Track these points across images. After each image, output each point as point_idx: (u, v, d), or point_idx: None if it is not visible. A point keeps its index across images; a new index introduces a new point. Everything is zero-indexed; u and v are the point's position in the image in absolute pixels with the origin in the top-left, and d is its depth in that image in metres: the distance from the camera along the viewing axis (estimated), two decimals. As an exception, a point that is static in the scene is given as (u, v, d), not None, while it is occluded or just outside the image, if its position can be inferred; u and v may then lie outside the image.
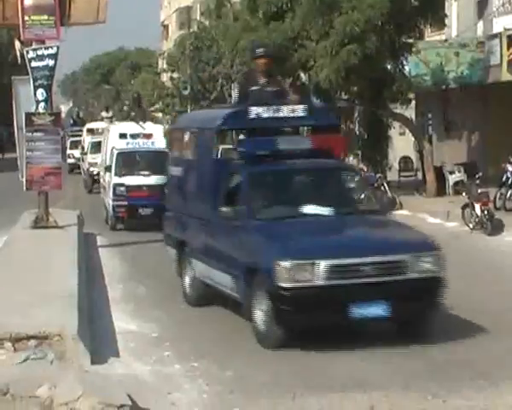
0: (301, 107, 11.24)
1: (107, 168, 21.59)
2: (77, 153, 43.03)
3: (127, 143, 21.98)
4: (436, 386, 8.00)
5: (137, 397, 7.13)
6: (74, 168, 42.53)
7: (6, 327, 8.54)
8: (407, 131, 29.68)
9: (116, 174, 20.69)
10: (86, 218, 19.37)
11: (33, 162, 16.50)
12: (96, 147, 31.49)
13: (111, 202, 20.45)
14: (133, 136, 22.27)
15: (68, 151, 45.12)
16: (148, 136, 22.31)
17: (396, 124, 29.89)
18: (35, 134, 16.45)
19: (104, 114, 37.23)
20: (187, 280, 11.94)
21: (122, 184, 20.46)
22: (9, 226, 17.75)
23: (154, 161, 20.89)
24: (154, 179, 20.29)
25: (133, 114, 23.38)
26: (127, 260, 15.91)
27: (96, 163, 29.62)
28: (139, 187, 20.48)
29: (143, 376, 8.48)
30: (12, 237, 16.13)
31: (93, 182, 31.15)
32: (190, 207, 11.84)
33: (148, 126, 23.50)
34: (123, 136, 22.42)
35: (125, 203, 20.23)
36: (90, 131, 38.07)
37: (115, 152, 21.14)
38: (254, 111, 10.91)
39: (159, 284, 13.41)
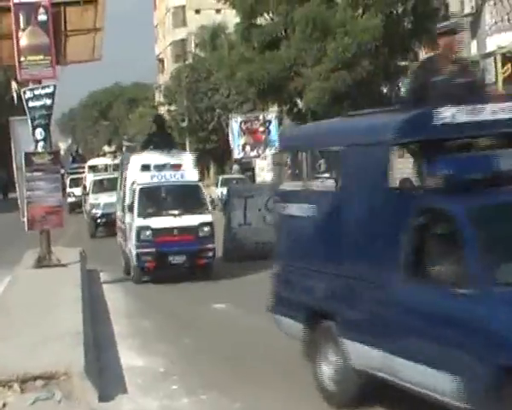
0: None
1: (129, 208, 17.69)
2: (77, 191, 40.95)
3: (152, 177, 17.91)
4: None
5: (147, 433, 7.10)
6: (75, 207, 40.29)
7: (13, 369, 8.51)
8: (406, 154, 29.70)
9: (140, 215, 17.18)
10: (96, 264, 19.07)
11: (34, 202, 16.51)
12: (99, 186, 30.05)
13: (134, 250, 16.97)
14: (158, 167, 18.12)
15: (68, 190, 42.54)
16: (177, 166, 18.23)
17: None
18: (35, 174, 16.48)
19: (106, 148, 35.76)
20: (328, 370, 8.39)
21: (147, 228, 17.01)
22: (13, 266, 17.75)
23: (186, 196, 17.86)
24: (186, 220, 17.19)
25: (155, 139, 19.80)
26: (131, 295, 15.90)
27: (99, 204, 28.14)
28: (169, 230, 17.09)
29: (152, 411, 8.44)
30: (15, 277, 16.11)
31: (96, 226, 28.58)
32: (340, 261, 8.10)
33: (175, 155, 19.37)
34: (146, 167, 18.18)
35: (153, 250, 16.91)
36: (93, 168, 35.41)
37: (137, 188, 17.52)
38: (446, 113, 7.30)
39: (164, 318, 13.40)
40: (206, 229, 17.14)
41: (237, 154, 48.92)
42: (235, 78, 27.57)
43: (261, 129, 46.91)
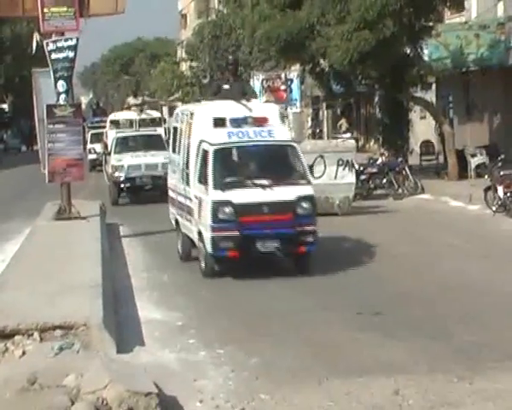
0: None
1: (199, 177, 13.32)
2: (99, 147, 37.18)
3: (229, 135, 13.36)
4: (462, 368, 7.99)
5: (163, 385, 7.17)
6: (96, 165, 37.12)
7: (32, 318, 8.61)
8: (428, 114, 29.54)
9: (216, 186, 12.76)
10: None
11: (55, 154, 16.57)
12: (123, 144, 25.52)
13: (208, 233, 12.67)
14: (237, 121, 13.61)
15: (89, 145, 38.97)
16: (262, 120, 13.74)
17: (417, 108, 29.74)
18: (56, 126, 16.52)
19: (131, 100, 29.43)
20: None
21: (228, 203, 12.63)
22: (33, 217, 17.89)
23: (278, 161, 13.62)
24: (279, 193, 12.77)
25: (226, 87, 14.52)
26: (150, 250, 15.97)
27: (123, 166, 24.15)
28: (256, 207, 12.72)
29: (169, 364, 8.52)
30: (35, 229, 16.24)
31: (119, 191, 24.47)
32: None
33: (257, 106, 14.68)
34: (219, 122, 13.64)
35: (235, 234, 12.57)
36: (115, 123, 28.74)
37: (211, 150, 13.02)
38: None
39: (182, 272, 13.47)
40: (305, 205, 12.80)
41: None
42: (255, 35, 27.35)
43: (283, 87, 46.64)
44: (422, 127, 32.42)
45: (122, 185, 24.22)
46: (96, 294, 9.74)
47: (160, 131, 27.24)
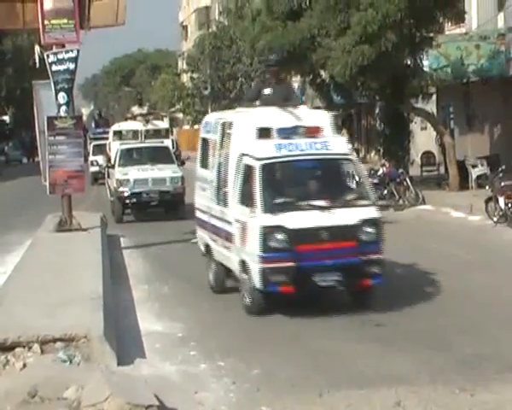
0: None
1: (241, 197, 11.32)
2: (101, 159, 35.10)
3: (278, 148, 11.25)
4: (463, 380, 7.97)
5: (164, 397, 7.16)
6: (98, 178, 35.53)
7: (33, 330, 8.59)
8: (429, 125, 29.56)
9: (266, 209, 10.75)
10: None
11: (56, 166, 16.57)
12: (128, 157, 23.78)
13: (256, 265, 10.69)
14: (285, 132, 11.50)
15: (91, 157, 38.13)
16: (314, 130, 11.63)
17: (417, 119, 29.77)
18: (57, 138, 16.53)
19: (136, 109, 27.33)
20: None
21: (280, 229, 10.63)
22: (34, 229, 17.89)
23: (336, 179, 11.83)
24: (341, 216, 10.90)
25: (267, 91, 12.57)
26: (151, 261, 15.96)
27: (129, 180, 22.56)
28: (315, 233, 10.75)
29: (170, 376, 8.51)
30: (36, 240, 16.24)
31: (124, 208, 22.90)
32: None
33: (306, 113, 12.53)
34: (264, 133, 11.54)
35: (290, 265, 10.61)
36: (119, 134, 26.47)
37: (257, 165, 11.03)
38: None
39: (183, 284, 13.46)
40: (371, 230, 11.13)
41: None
42: (257, 47, 27.40)
43: (283, 98, 46.65)
44: (423, 138, 32.43)
45: (127, 201, 22.58)
46: (97, 306, 9.73)
47: (168, 142, 25.33)
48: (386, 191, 23.23)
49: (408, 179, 23.83)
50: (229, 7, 54.17)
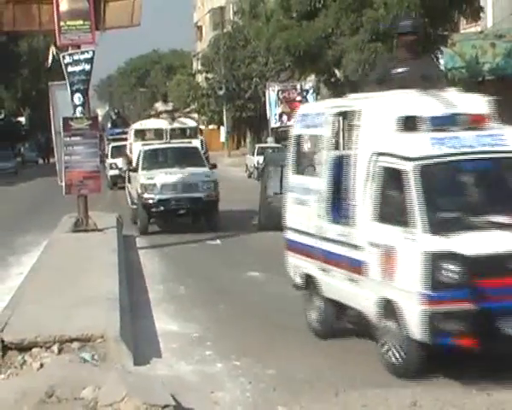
0: None
1: (382, 213, 8.55)
2: (121, 162, 31.94)
3: (437, 143, 8.47)
4: (480, 379, 7.93)
5: (180, 397, 7.17)
6: (117, 182, 32.76)
7: (50, 330, 8.63)
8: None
9: (430, 228, 7.92)
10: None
11: (72, 167, 16.64)
12: (153, 159, 21.13)
13: (419, 306, 7.82)
14: (440, 122, 8.74)
15: (110, 160, 35.28)
16: (478, 119, 8.89)
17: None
18: (73, 138, 16.60)
19: (161, 106, 24.18)
20: None
21: (454, 256, 7.75)
22: (50, 230, 17.96)
23: None
24: None
25: (402, 70, 9.48)
26: (167, 261, 16.00)
27: (155, 185, 19.86)
28: (502, 261, 7.87)
29: (186, 376, 8.52)
30: (53, 241, 16.30)
31: (149, 216, 20.14)
32: None
33: (462, 97, 9.62)
34: (410, 124, 8.68)
35: (466, 308, 7.75)
36: (141, 134, 23.23)
37: (410, 168, 8.26)
38: None
39: (199, 284, 13.48)
40: None
41: (274, 123, 48.73)
42: (273, 46, 27.42)
43: (298, 98, 46.74)
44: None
45: (153, 209, 19.77)
46: (113, 306, 9.76)
47: (196, 143, 22.66)
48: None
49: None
50: (244, 7, 54.18)
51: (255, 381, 8.22)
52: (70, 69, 16.44)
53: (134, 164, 21.57)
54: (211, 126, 65.87)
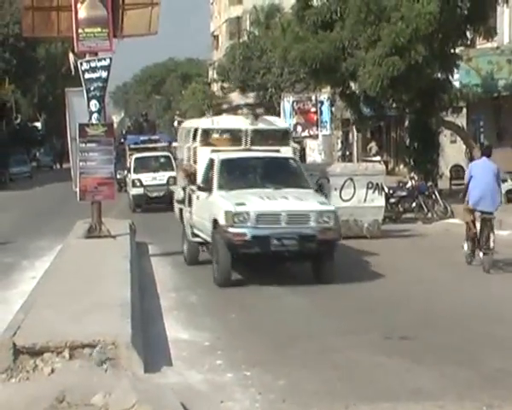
0: None
1: None
2: (148, 178, 27.57)
3: None
4: (490, 396, 7.92)
5: (190, 406, 7.19)
6: (141, 204, 27.60)
7: (61, 335, 8.67)
8: (458, 138, 29.46)
9: None
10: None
11: (87, 173, 16.72)
12: (235, 174, 14.88)
13: None
14: None
15: (132, 175, 28.12)
16: None
17: (447, 132, 29.67)
18: (88, 145, 16.68)
19: (238, 97, 16.56)
20: None
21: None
22: (64, 235, 18.04)
23: None
24: None
25: None
26: (179, 269, 16.01)
27: (248, 214, 13.37)
28: None
29: (196, 384, 8.53)
30: (66, 246, 16.37)
31: (235, 259, 13.67)
32: None
33: None
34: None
35: None
36: (206, 135, 15.91)
37: None
38: None
39: (211, 293, 13.49)
40: None
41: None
42: (289, 57, 27.50)
43: (313, 109, 46.71)
44: (453, 151, 32.30)
45: (244, 250, 13.32)
46: (125, 313, 9.79)
47: (287, 151, 15.73)
48: (414, 204, 23.15)
49: (437, 192, 23.73)
50: (260, 17, 54.33)
51: (265, 392, 8.22)
52: (87, 76, 16.54)
53: (200, 179, 15.24)
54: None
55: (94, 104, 16.68)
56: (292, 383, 8.54)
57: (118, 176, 32.32)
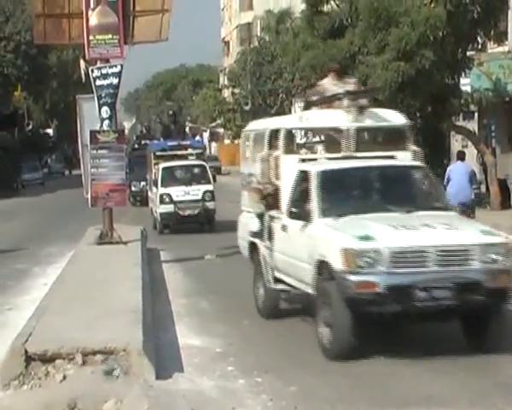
0: None
1: None
2: (181, 193, 22.58)
3: None
4: (503, 403, 7.89)
5: (202, 412, 7.18)
6: (170, 224, 22.75)
7: (73, 342, 8.67)
8: (470, 143, 29.38)
9: None
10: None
11: (98, 179, 16.74)
12: (344, 194, 10.97)
13: None
14: None
15: (160, 190, 22.65)
16: None
17: (458, 137, 29.60)
18: (99, 151, 16.71)
19: (333, 82, 12.11)
20: None
21: None
22: (75, 241, 18.08)
23: None
24: None
25: None
26: (190, 275, 16.02)
27: (379, 253, 9.05)
28: None
29: (207, 391, 8.52)
30: (78, 253, 16.40)
31: (359, 320, 9.33)
32: None
33: None
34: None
35: None
36: (290, 138, 11.96)
37: None
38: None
39: (222, 299, 13.48)
40: None
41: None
42: (299, 64, 27.53)
43: (324, 115, 46.66)
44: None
45: (375, 308, 9.16)
46: (136, 319, 9.80)
47: (405, 157, 11.76)
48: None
49: (448, 198, 23.67)
50: (271, 23, 54.38)
51: (276, 398, 8.21)
52: (98, 83, 16.58)
53: (287, 202, 11.15)
54: (236, 141, 66.11)
55: (105, 111, 16.71)
56: (304, 390, 8.52)
57: (133, 188, 29.36)
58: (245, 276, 13.94)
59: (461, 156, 19.14)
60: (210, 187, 22.95)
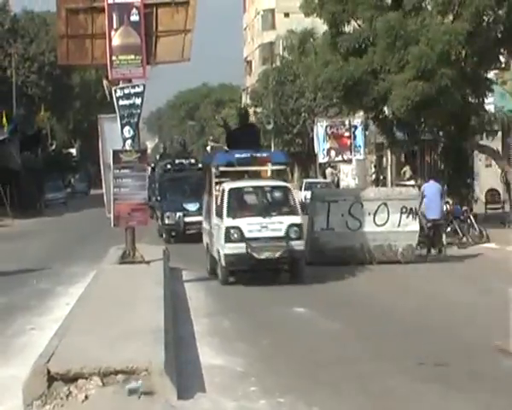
0: None
1: None
2: (256, 227, 16.54)
3: None
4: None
5: (223, 433, 7.15)
6: (240, 269, 16.83)
7: (95, 362, 8.68)
8: (494, 162, 29.26)
9: None
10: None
11: (120, 199, 16.80)
12: None
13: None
14: None
15: (226, 221, 16.56)
16: None
17: (482, 156, 29.48)
18: (122, 171, 16.77)
19: None
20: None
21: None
22: (98, 261, 18.14)
23: None
24: None
25: None
26: (212, 294, 16.02)
27: None
28: None
29: (229, 411, 8.50)
30: (100, 272, 16.45)
31: None
32: None
33: None
34: None
35: None
36: None
37: None
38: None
39: (244, 318, 13.47)
40: None
41: (322, 158, 48.71)
42: (318, 80, 27.57)
43: (347, 134, 46.71)
44: (488, 175, 32.08)
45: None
46: (158, 339, 9.79)
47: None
48: (449, 229, 22.99)
49: (472, 217, 23.56)
50: (293, 43, 54.49)
51: (298, 419, 8.17)
52: (121, 103, 16.67)
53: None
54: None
55: (127, 130, 16.80)
56: (325, 409, 8.48)
57: (166, 220, 23.87)
58: (264, 296, 13.95)
59: (433, 176, 21.84)
60: (297, 219, 16.81)
